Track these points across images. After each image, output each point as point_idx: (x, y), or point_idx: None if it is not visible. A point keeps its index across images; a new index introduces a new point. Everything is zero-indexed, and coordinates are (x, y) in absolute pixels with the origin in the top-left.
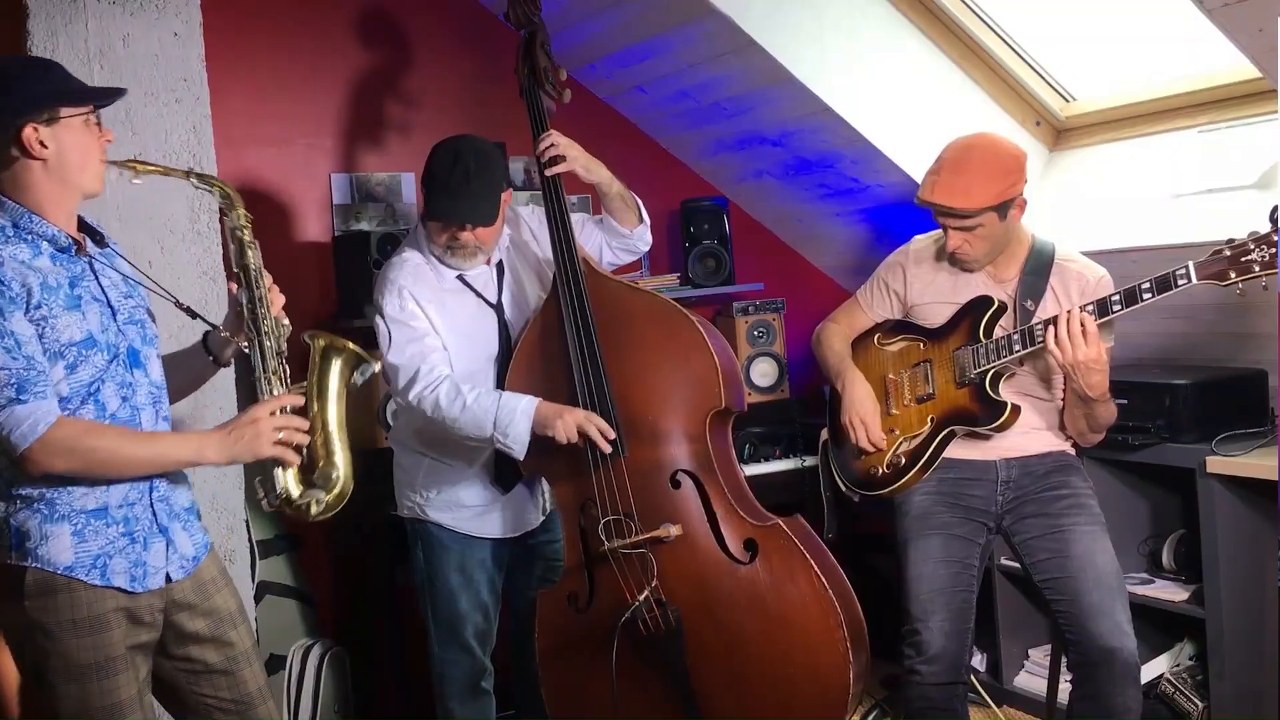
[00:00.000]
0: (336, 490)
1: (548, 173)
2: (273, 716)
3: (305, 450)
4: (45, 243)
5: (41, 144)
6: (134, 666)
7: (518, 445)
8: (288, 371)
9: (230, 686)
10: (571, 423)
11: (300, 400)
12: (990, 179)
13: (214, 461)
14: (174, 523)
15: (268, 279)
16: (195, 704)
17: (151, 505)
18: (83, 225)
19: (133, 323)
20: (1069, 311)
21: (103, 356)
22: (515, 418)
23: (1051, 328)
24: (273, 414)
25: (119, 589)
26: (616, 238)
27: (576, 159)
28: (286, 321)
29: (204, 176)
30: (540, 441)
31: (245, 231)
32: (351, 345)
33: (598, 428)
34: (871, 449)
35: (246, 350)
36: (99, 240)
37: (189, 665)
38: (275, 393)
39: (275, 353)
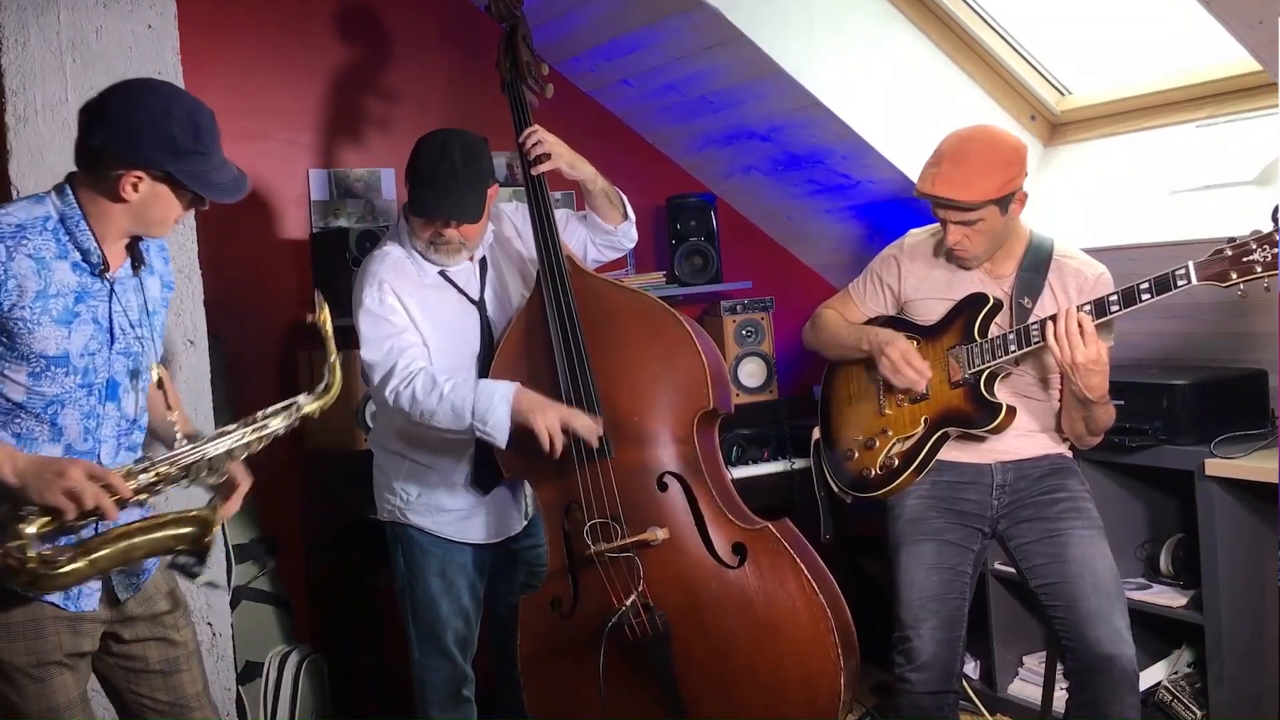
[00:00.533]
0: (33, 576)
1: (532, 172)
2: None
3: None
4: (77, 252)
5: (134, 189)
6: (75, 670)
7: (498, 432)
8: (156, 497)
9: (168, 688)
10: (554, 419)
11: (126, 494)
12: (992, 171)
13: (7, 479)
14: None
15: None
16: (131, 702)
17: (95, 526)
18: (132, 244)
19: (126, 354)
20: (1066, 310)
21: (73, 379)
22: (494, 403)
23: (1050, 324)
24: (90, 478)
25: (53, 605)
26: (601, 235)
27: (561, 155)
28: (210, 482)
29: (335, 368)
30: (523, 443)
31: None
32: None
33: (584, 424)
34: (917, 378)
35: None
36: (137, 263)
37: (128, 663)
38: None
39: (174, 478)
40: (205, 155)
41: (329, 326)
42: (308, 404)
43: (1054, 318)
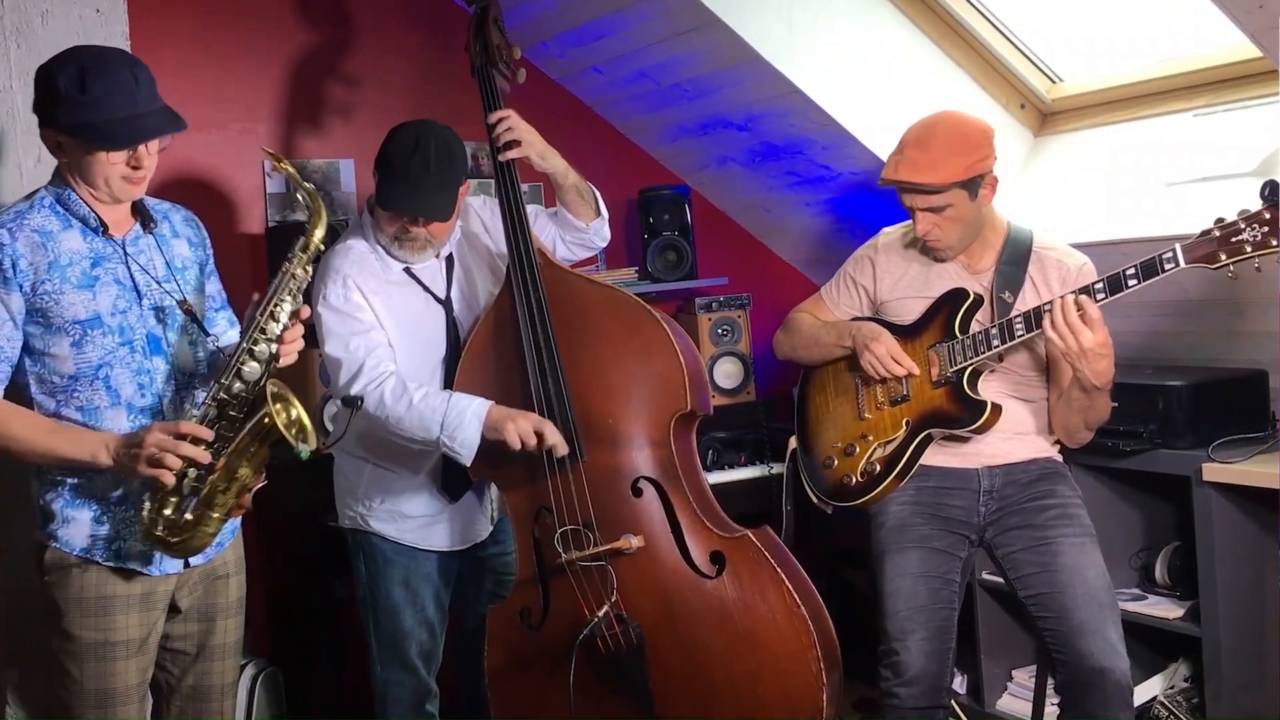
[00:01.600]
0: (179, 544)
1: (501, 158)
2: (226, 718)
3: (187, 483)
4: (77, 220)
5: (59, 148)
6: (138, 659)
7: (466, 450)
8: (236, 410)
9: (195, 673)
10: (527, 426)
11: (205, 435)
12: (956, 153)
13: (106, 465)
14: None
15: (288, 317)
16: (154, 677)
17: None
18: (140, 206)
19: (159, 309)
20: (1061, 298)
21: (112, 339)
22: (465, 419)
23: (1048, 316)
24: (169, 435)
25: (134, 570)
26: (571, 232)
27: (532, 144)
28: (279, 358)
29: (312, 193)
30: (492, 445)
31: (300, 265)
32: (297, 422)
33: (556, 437)
34: (903, 373)
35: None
36: (148, 223)
37: (166, 641)
38: (202, 413)
39: (235, 390)
40: (90, 104)
41: (288, 166)
42: (303, 245)
43: (1036, 319)
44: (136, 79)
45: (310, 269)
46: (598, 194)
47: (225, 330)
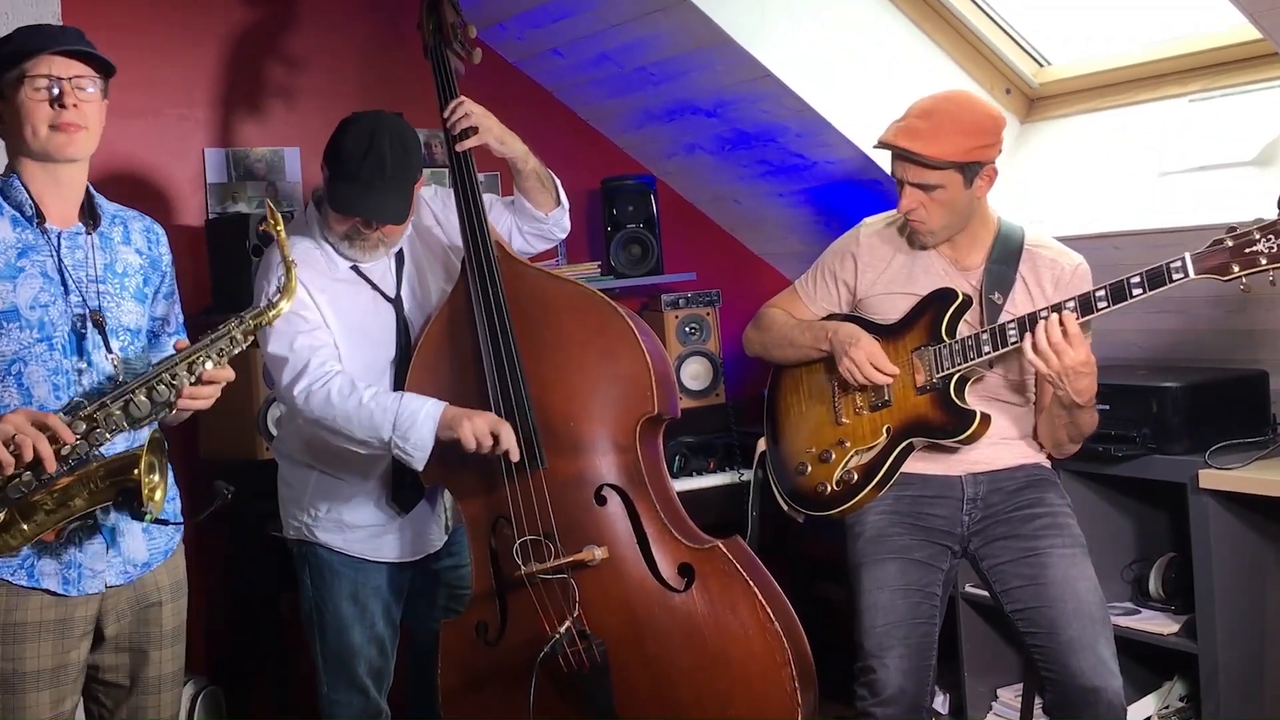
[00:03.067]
0: None
1: (458, 148)
2: None
3: (16, 484)
4: (11, 208)
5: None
6: (54, 688)
7: (418, 452)
8: (103, 434)
9: (130, 706)
10: (483, 426)
11: (68, 436)
12: (960, 132)
13: None
14: (125, 523)
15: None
16: (88, 708)
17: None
18: (90, 205)
19: (85, 310)
20: (1046, 317)
21: (29, 334)
22: (419, 420)
23: (1029, 336)
24: (34, 423)
25: (49, 592)
26: (530, 222)
27: (490, 129)
28: (174, 408)
29: (290, 269)
30: (446, 448)
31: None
32: (158, 485)
33: (511, 438)
34: (884, 381)
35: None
36: (92, 222)
37: (95, 672)
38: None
39: (114, 415)
40: (8, 44)
41: (281, 229)
42: (254, 316)
43: (1030, 325)
44: (63, 29)
45: (249, 339)
46: (558, 181)
47: None
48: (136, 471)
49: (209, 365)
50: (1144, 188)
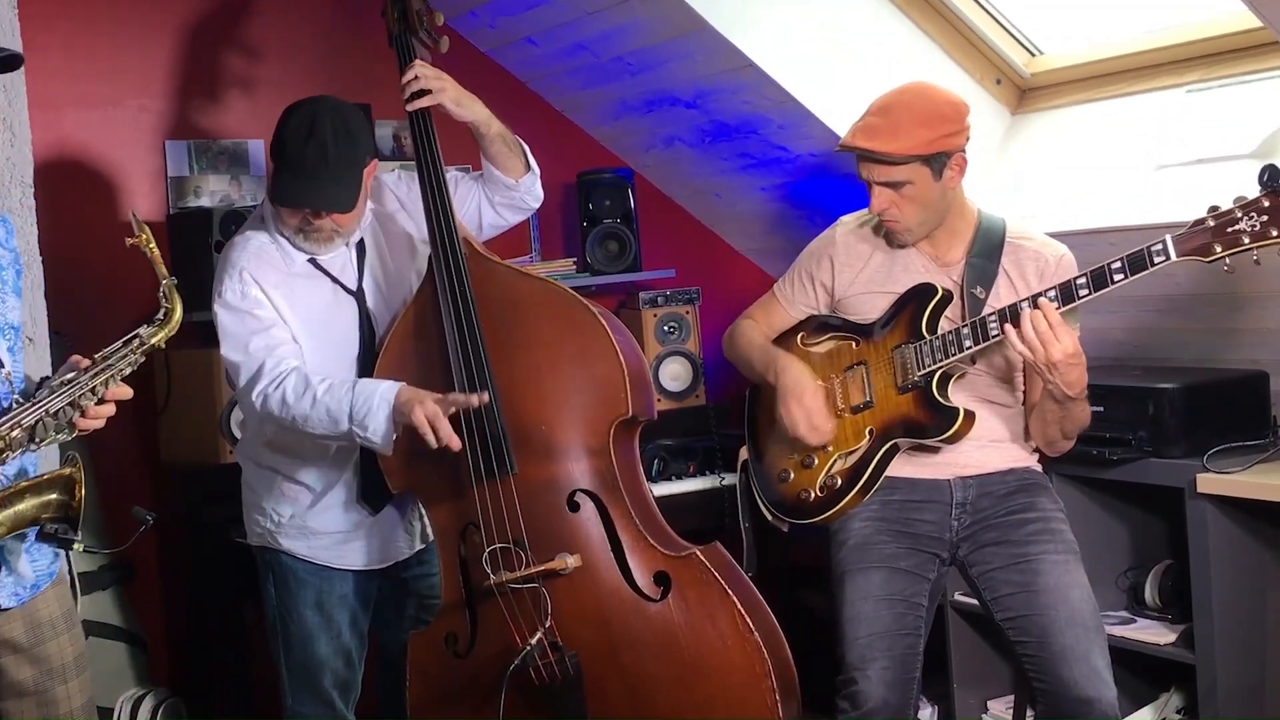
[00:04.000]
0: None
1: (408, 107)
2: None
3: None
4: None
5: None
6: None
7: (379, 437)
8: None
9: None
10: (432, 407)
11: None
12: (921, 123)
13: None
14: (13, 540)
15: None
16: None
17: None
18: None
19: None
20: (1029, 309)
21: None
22: (374, 404)
23: (1015, 329)
24: None
25: None
26: (501, 191)
27: (445, 90)
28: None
29: (171, 291)
30: (412, 451)
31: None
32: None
33: (462, 399)
34: (817, 443)
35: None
36: None
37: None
38: None
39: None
40: None
41: (153, 246)
42: (150, 336)
43: (1014, 316)
44: None
45: (141, 359)
46: (525, 145)
47: None
48: (80, 494)
49: (110, 385)
50: (1139, 181)
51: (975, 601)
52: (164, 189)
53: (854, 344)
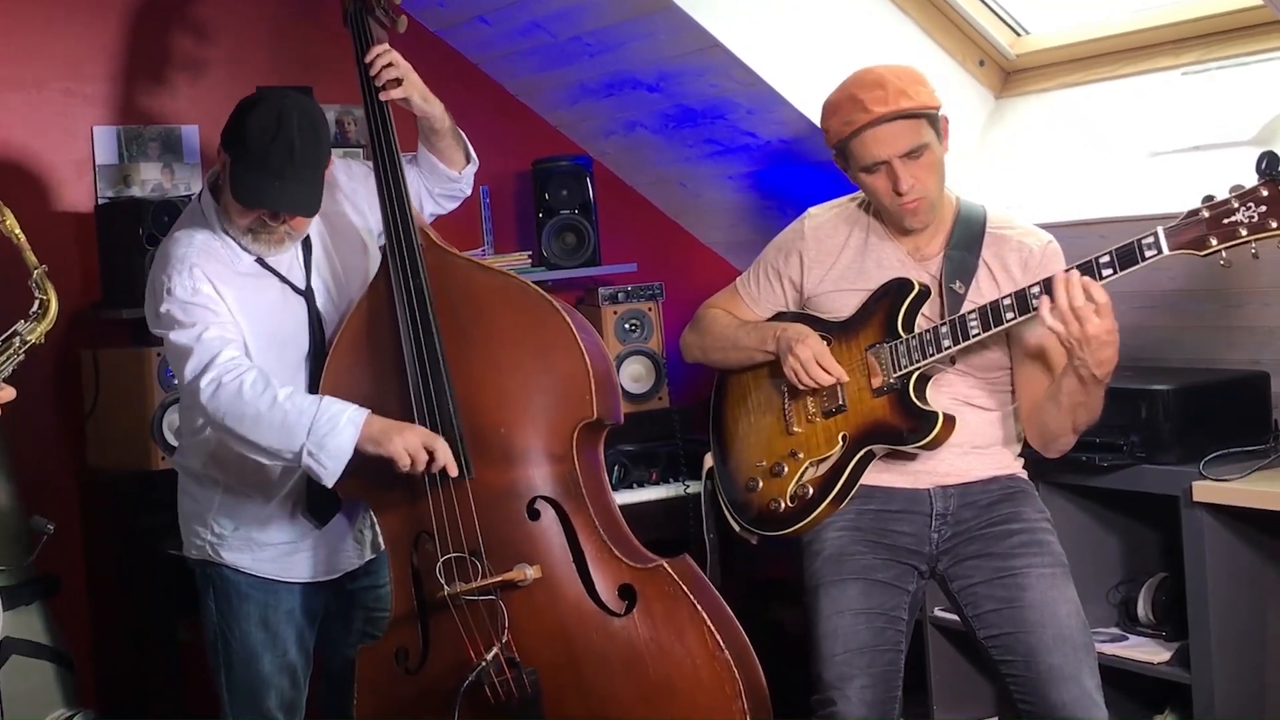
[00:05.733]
0: None
1: (382, 96)
2: None
3: None
4: None
5: None
6: None
7: (332, 463)
8: None
9: None
10: (416, 441)
11: None
12: (913, 83)
13: None
14: None
15: None
16: None
17: None
18: None
19: None
20: (1068, 279)
21: None
22: (339, 425)
23: (1046, 299)
24: None
25: None
26: (441, 183)
27: (415, 84)
28: None
29: (44, 280)
30: (364, 459)
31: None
32: None
33: (446, 453)
34: (827, 382)
35: None
36: None
37: None
38: None
39: None
40: None
41: (18, 232)
42: (29, 331)
43: (993, 314)
44: None
45: (22, 357)
46: (465, 137)
47: None
48: None
49: None
50: (1131, 170)
51: (956, 617)
52: (91, 178)
53: (827, 343)
